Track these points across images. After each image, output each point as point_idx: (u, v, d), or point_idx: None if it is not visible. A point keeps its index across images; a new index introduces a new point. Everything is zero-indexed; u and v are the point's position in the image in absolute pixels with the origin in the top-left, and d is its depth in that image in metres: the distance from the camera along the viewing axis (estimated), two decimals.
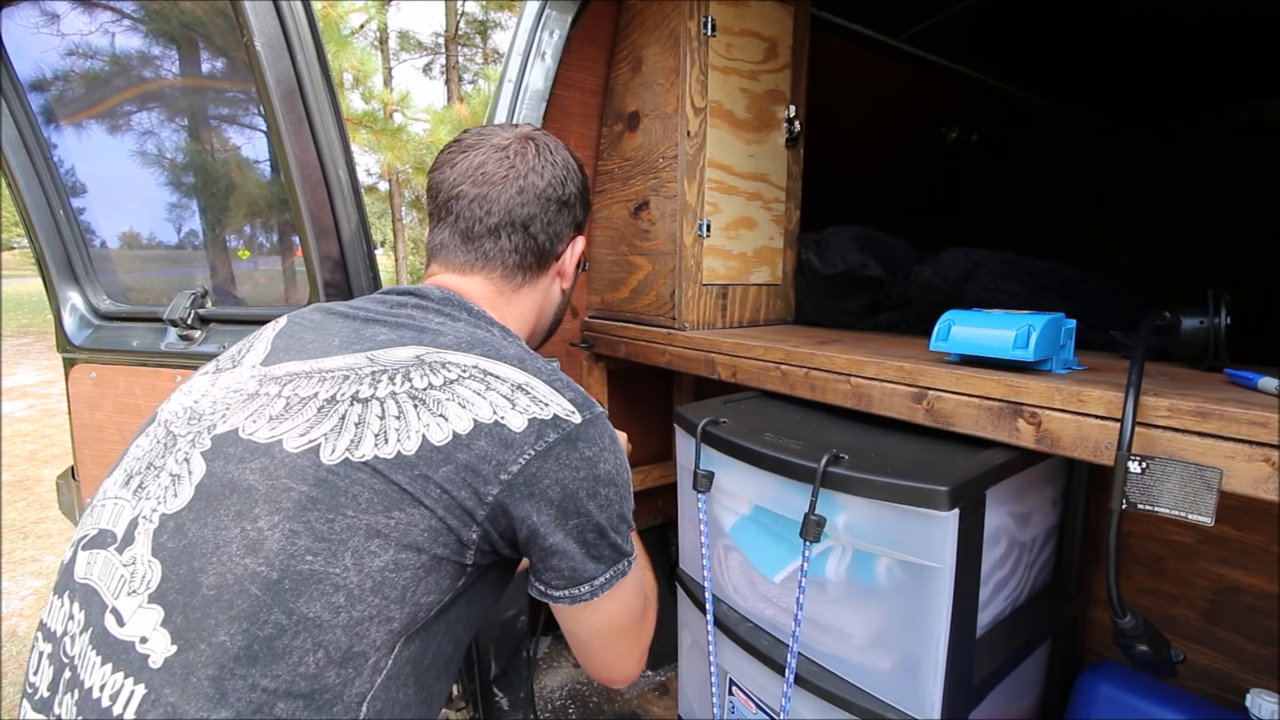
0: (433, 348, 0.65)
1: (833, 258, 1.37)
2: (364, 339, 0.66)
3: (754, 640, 0.93)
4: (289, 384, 0.63)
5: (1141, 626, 0.67)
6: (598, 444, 0.63)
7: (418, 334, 0.67)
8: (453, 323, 0.71)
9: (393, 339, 0.66)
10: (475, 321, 0.73)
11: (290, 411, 0.60)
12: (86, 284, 1.45)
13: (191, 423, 0.63)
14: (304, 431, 0.58)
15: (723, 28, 1.27)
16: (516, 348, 0.70)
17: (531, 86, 1.31)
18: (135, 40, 1.34)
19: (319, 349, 0.66)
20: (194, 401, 0.66)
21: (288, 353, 0.67)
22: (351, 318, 0.71)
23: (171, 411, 0.67)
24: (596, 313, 1.61)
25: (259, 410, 0.61)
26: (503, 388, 0.62)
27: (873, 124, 2.17)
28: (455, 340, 0.66)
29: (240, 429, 0.60)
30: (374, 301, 0.74)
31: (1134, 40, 2.12)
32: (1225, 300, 0.77)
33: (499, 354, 0.66)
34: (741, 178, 1.35)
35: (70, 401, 1.41)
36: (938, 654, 0.73)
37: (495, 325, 0.75)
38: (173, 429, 0.64)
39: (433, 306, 0.73)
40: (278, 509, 0.54)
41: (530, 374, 0.64)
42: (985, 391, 0.75)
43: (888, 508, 0.74)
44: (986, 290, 1.12)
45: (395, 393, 0.60)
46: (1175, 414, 0.59)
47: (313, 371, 0.63)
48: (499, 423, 0.59)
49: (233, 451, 0.58)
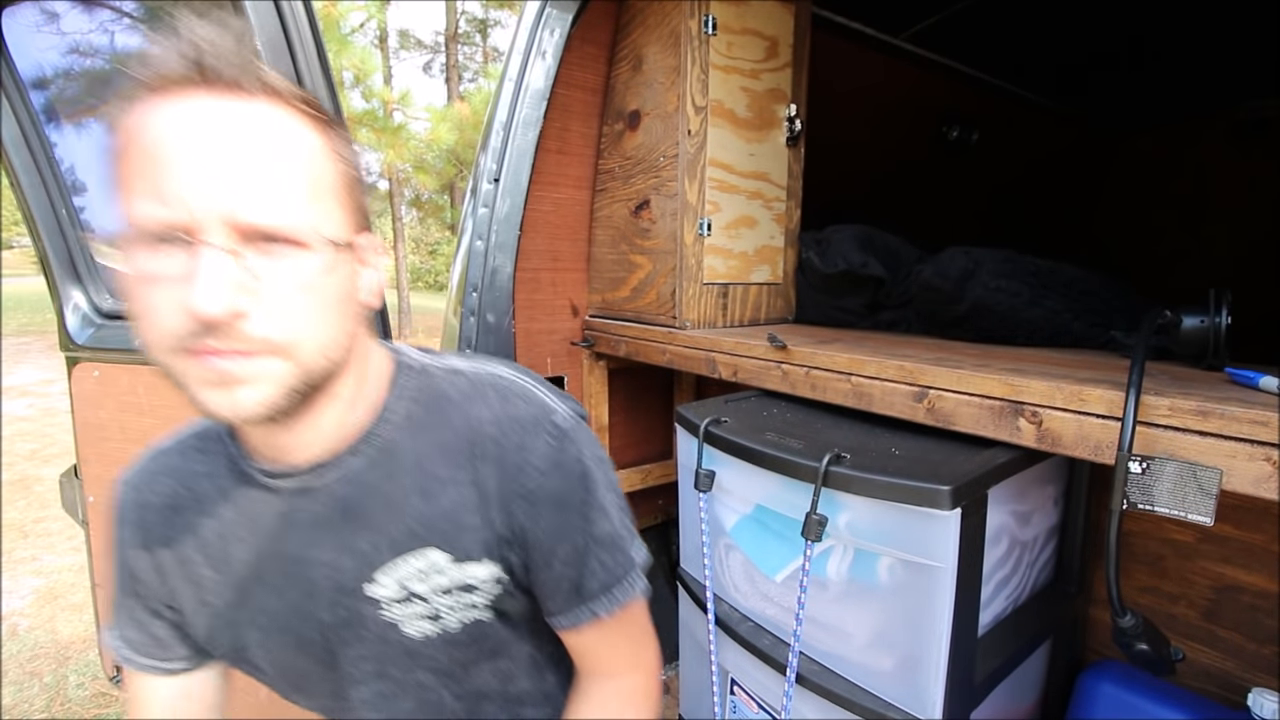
0: None
1: (833, 256, 1.37)
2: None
3: (755, 639, 0.93)
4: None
5: (1141, 626, 0.67)
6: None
7: None
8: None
9: None
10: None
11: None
12: (89, 282, 1.45)
13: None
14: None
15: (723, 26, 1.27)
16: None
17: (532, 85, 1.31)
18: (135, 39, 1.34)
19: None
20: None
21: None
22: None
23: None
24: (597, 312, 1.61)
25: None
26: None
27: (873, 123, 2.17)
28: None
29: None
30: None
31: (1134, 40, 2.12)
32: (1226, 299, 0.77)
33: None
34: (742, 176, 1.35)
35: (73, 400, 1.41)
36: (939, 653, 0.73)
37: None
38: None
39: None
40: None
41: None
42: (986, 391, 0.75)
43: (889, 507, 0.74)
44: (986, 289, 1.12)
45: None
46: (1176, 413, 0.59)
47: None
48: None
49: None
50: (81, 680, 2.18)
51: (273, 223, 0.49)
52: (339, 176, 0.56)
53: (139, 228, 0.48)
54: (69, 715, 2.02)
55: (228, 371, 0.49)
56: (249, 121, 0.50)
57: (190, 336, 0.48)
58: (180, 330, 0.48)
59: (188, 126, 0.48)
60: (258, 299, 0.49)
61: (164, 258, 0.48)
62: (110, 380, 1.36)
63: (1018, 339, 1.11)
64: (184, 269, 0.47)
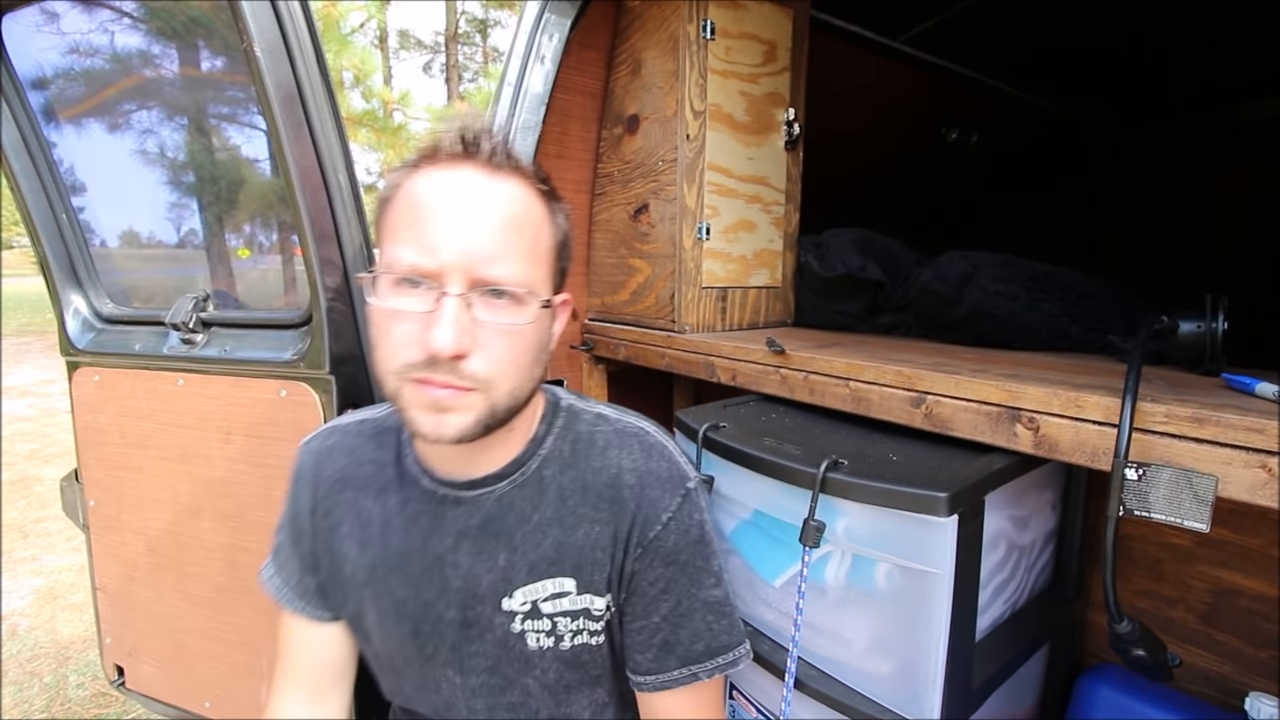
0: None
1: (832, 260, 1.37)
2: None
3: (754, 644, 0.93)
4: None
5: (1138, 632, 0.67)
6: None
7: None
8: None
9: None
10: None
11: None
12: (89, 287, 1.45)
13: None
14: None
15: (722, 31, 1.27)
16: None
17: (531, 90, 1.31)
18: (135, 38, 1.34)
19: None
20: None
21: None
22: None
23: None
24: (596, 315, 1.61)
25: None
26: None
27: (871, 125, 2.17)
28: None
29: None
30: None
31: (1134, 40, 2.12)
32: (1223, 305, 0.77)
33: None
34: (741, 180, 1.35)
35: (73, 404, 1.42)
36: (937, 658, 0.73)
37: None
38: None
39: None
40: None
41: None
42: (984, 396, 0.75)
43: (887, 513, 0.74)
44: (985, 293, 1.12)
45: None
46: (1172, 420, 0.60)
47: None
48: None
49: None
50: (81, 680, 2.19)
51: (502, 278, 0.59)
52: (554, 244, 0.66)
53: (395, 268, 0.58)
54: (69, 715, 2.03)
55: (441, 400, 0.59)
56: (497, 193, 0.60)
57: (419, 367, 0.58)
58: (413, 360, 0.58)
59: (451, 191, 0.59)
60: (475, 342, 0.58)
61: (409, 297, 0.58)
62: (110, 385, 1.36)
63: (1016, 343, 1.11)
64: (425, 308, 0.57)
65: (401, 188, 0.61)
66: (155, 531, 1.35)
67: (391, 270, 0.58)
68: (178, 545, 1.32)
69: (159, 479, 1.32)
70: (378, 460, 0.76)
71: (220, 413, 1.22)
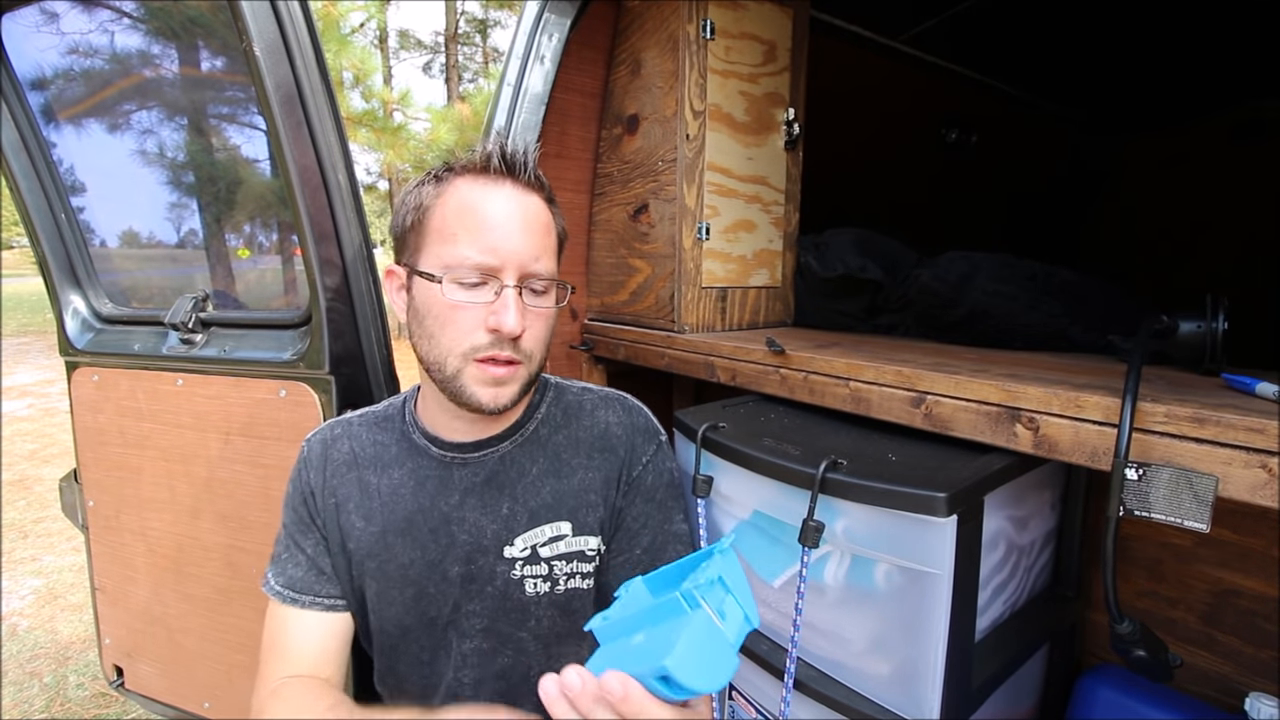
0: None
1: (832, 260, 1.37)
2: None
3: (753, 644, 0.93)
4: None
5: (1139, 632, 0.67)
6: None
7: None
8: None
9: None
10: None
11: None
12: (89, 287, 1.45)
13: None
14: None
15: (721, 31, 1.27)
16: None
17: (531, 90, 1.31)
18: (135, 38, 1.34)
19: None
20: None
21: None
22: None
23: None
24: (596, 315, 1.61)
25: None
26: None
27: (871, 125, 2.17)
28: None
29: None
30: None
31: (1134, 40, 2.12)
32: (1223, 305, 0.77)
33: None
34: (740, 180, 1.35)
35: (73, 405, 1.41)
36: (936, 659, 0.73)
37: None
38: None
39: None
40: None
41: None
42: (983, 396, 0.75)
43: (886, 514, 0.74)
44: (985, 293, 1.12)
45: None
46: (1172, 419, 0.59)
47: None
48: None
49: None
50: (81, 680, 2.19)
51: (541, 271, 0.75)
52: (559, 240, 0.82)
53: (461, 264, 0.71)
54: (69, 715, 2.03)
55: (500, 375, 0.73)
56: (530, 206, 0.76)
57: (485, 348, 0.72)
58: (479, 342, 0.72)
59: (501, 204, 0.73)
60: (524, 323, 0.72)
61: (471, 290, 0.72)
62: (109, 385, 1.36)
63: (1016, 343, 1.11)
64: (487, 299, 0.72)
65: (445, 197, 0.73)
66: (154, 532, 1.35)
67: (460, 266, 0.70)
68: (177, 546, 1.32)
69: (158, 479, 1.32)
70: (381, 441, 0.85)
71: (220, 413, 1.22)
